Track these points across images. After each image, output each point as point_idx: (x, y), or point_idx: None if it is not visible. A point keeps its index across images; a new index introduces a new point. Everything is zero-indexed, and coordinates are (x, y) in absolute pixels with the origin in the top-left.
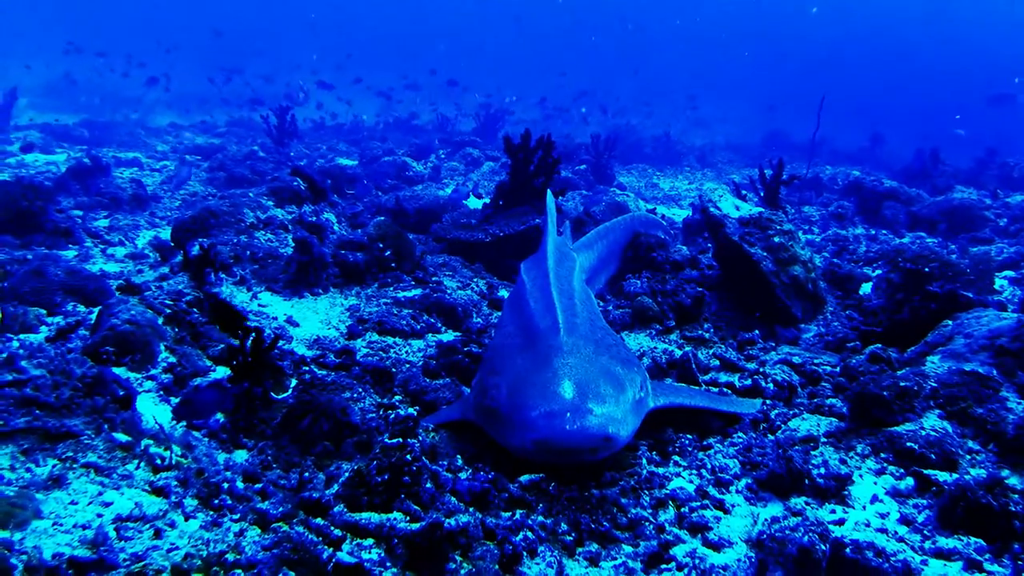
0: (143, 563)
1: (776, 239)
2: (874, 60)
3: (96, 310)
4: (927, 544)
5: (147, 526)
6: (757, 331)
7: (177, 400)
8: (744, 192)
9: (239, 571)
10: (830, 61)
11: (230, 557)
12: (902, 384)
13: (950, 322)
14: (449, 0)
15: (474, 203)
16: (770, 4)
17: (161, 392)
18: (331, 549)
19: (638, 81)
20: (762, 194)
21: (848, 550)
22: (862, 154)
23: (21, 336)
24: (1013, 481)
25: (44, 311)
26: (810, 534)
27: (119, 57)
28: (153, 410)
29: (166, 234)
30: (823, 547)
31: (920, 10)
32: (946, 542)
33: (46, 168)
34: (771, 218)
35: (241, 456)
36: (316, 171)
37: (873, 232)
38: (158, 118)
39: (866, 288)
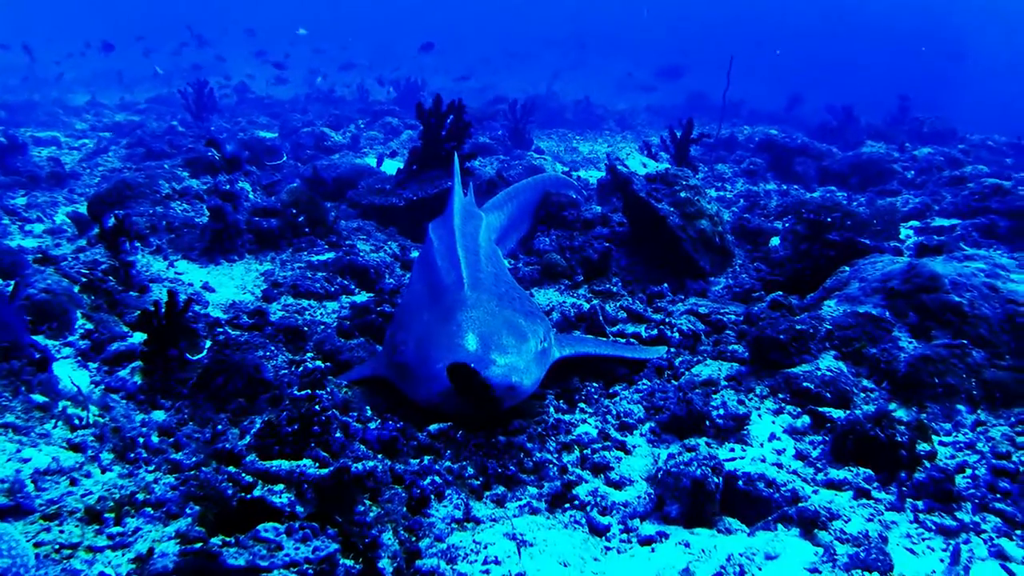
0: (58, 506)
1: (683, 194)
2: (797, 19)
3: (12, 282)
4: (819, 476)
5: (64, 477)
6: (666, 284)
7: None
8: (659, 152)
9: (149, 509)
10: (751, 21)
11: (140, 497)
12: (798, 327)
13: (847, 268)
14: None
15: (391, 170)
16: None
17: (79, 357)
18: (241, 492)
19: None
20: (673, 152)
21: (740, 482)
22: (781, 114)
23: None
24: (900, 414)
25: None
26: (703, 468)
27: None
28: (72, 375)
29: (84, 209)
30: (716, 480)
31: None
32: (837, 473)
33: None
34: (677, 174)
35: (159, 416)
36: (234, 142)
37: (785, 187)
38: (76, 97)
39: (775, 241)
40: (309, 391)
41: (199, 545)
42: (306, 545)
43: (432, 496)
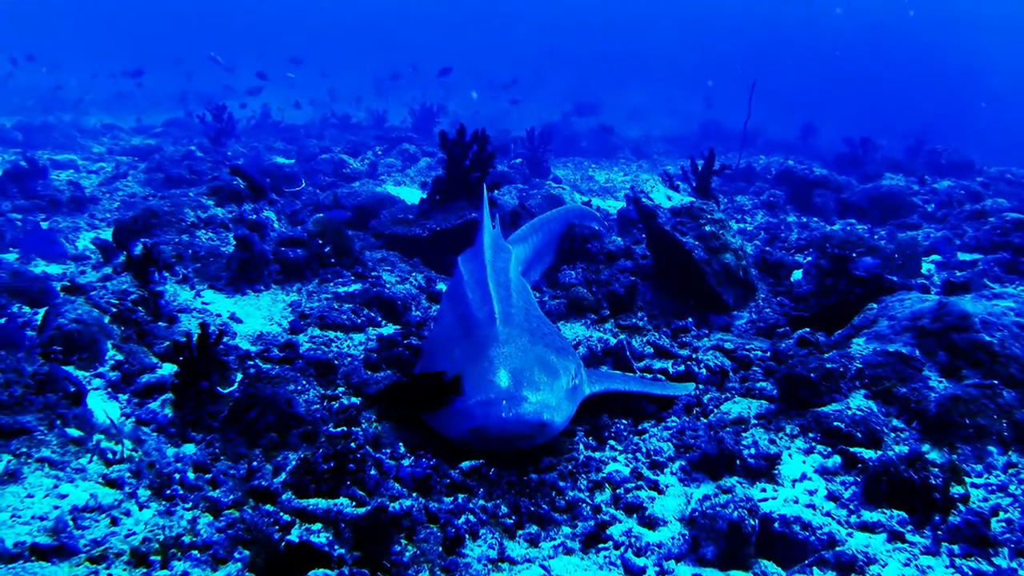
0: (103, 547)
1: (707, 228)
2: (812, 51)
3: (42, 311)
4: (852, 518)
5: (103, 515)
6: (690, 319)
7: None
8: (677, 183)
9: (195, 552)
10: (768, 52)
11: (186, 539)
12: (828, 366)
13: (875, 305)
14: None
15: (411, 198)
16: None
17: (109, 389)
18: (282, 533)
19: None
20: (694, 184)
21: (776, 524)
22: (796, 144)
23: None
24: (933, 456)
25: None
26: (739, 510)
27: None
28: (103, 406)
29: (106, 235)
30: (752, 522)
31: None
32: (870, 515)
33: None
34: (702, 207)
35: (190, 449)
36: (255, 169)
37: (804, 220)
38: (91, 119)
39: (797, 275)
40: (345, 428)
41: None
42: None
43: (467, 535)
